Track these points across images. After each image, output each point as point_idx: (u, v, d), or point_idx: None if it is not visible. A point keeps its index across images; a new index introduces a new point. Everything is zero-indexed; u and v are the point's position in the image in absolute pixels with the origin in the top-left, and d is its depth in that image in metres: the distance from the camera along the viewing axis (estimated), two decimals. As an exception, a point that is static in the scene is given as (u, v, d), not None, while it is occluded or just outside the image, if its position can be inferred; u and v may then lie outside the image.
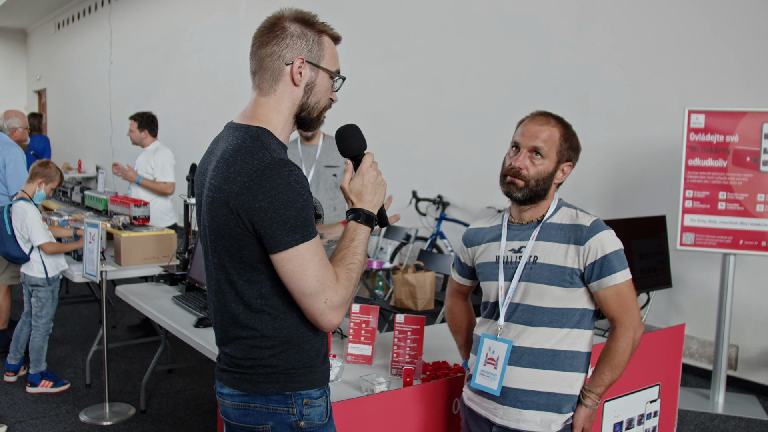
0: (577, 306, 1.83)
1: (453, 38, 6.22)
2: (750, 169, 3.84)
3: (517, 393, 1.83)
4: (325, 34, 1.56)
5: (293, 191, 1.40)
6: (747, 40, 4.25)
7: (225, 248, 1.48)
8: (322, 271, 1.43)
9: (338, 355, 2.46)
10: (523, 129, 1.88)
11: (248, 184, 1.40)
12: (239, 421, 1.54)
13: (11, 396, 3.99)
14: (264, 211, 1.39)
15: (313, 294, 1.42)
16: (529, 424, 1.83)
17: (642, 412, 2.68)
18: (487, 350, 1.87)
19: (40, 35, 17.24)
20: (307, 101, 1.55)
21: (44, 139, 8.55)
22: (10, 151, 4.49)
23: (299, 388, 1.52)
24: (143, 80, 11.94)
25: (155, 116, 5.30)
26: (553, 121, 1.88)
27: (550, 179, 1.86)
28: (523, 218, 1.92)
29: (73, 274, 3.80)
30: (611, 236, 1.82)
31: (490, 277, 1.92)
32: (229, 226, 1.45)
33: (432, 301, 4.16)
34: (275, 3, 7.47)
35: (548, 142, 1.84)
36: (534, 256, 1.84)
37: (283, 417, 1.52)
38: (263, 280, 1.47)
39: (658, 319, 4.69)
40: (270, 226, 1.39)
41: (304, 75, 1.52)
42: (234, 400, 1.54)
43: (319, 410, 1.56)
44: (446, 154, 6.33)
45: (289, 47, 1.51)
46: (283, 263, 1.42)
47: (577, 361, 1.84)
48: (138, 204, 4.37)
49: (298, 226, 1.40)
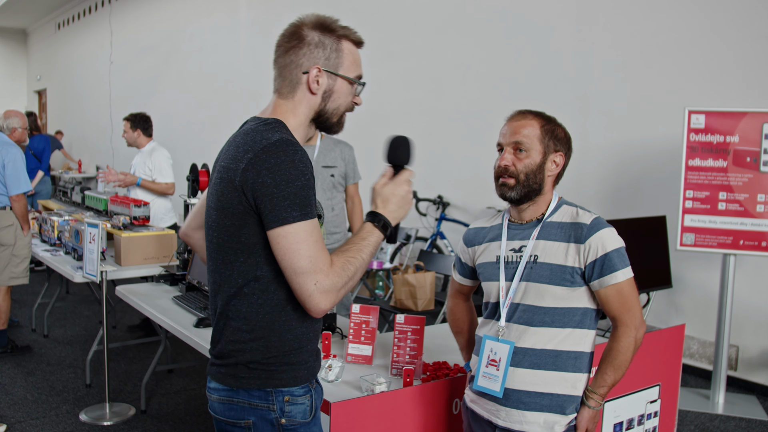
0: (578, 305, 1.82)
1: (453, 38, 6.22)
2: (750, 170, 3.84)
3: (520, 394, 1.81)
4: (346, 39, 1.59)
5: (296, 169, 1.43)
6: (747, 41, 4.25)
7: (226, 228, 1.51)
8: (315, 252, 1.45)
9: (338, 356, 2.46)
10: (503, 130, 1.90)
11: (254, 160, 1.44)
12: (224, 415, 1.58)
13: (11, 396, 3.99)
14: (266, 186, 1.42)
15: (304, 272, 1.44)
16: (532, 426, 1.81)
17: (642, 413, 2.68)
18: (489, 352, 1.86)
19: (40, 35, 17.25)
20: (325, 108, 1.59)
21: (44, 139, 8.53)
22: (9, 151, 4.48)
23: (280, 385, 1.54)
24: (143, 80, 11.94)
25: (149, 116, 5.28)
26: (530, 115, 1.89)
27: (541, 172, 1.85)
28: (522, 217, 1.91)
29: (73, 274, 3.80)
30: (612, 234, 1.80)
31: (491, 277, 1.92)
32: (233, 204, 1.48)
33: (432, 301, 4.16)
34: (275, 3, 7.51)
35: (528, 136, 1.85)
36: (534, 255, 1.83)
37: (263, 413, 1.54)
38: (260, 263, 1.50)
39: (658, 319, 4.69)
40: (270, 201, 1.42)
41: (321, 83, 1.56)
42: (219, 394, 1.58)
43: (302, 408, 1.57)
44: (446, 154, 6.33)
45: (306, 56, 1.55)
46: (279, 239, 1.44)
47: (580, 361, 1.83)
48: (138, 204, 4.37)
49: (297, 203, 1.42)
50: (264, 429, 1.55)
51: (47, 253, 4.41)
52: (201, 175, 3.81)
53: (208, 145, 9.81)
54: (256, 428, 1.55)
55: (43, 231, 4.82)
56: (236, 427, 1.57)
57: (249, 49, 8.96)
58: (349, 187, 4.13)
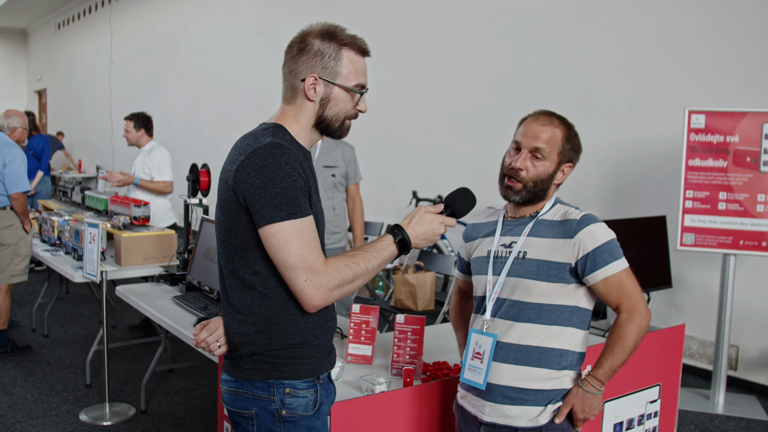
0: (566, 303, 1.80)
1: (453, 38, 6.22)
2: (750, 170, 3.84)
3: (504, 389, 1.80)
4: (348, 47, 1.62)
5: (282, 170, 1.49)
6: (747, 41, 4.25)
7: (225, 225, 1.60)
8: (305, 251, 1.51)
9: (338, 356, 2.46)
10: (525, 128, 1.85)
11: (244, 162, 1.52)
12: (232, 405, 1.66)
13: (11, 396, 3.99)
14: (254, 187, 1.50)
15: (294, 269, 1.50)
16: (516, 420, 1.80)
17: (642, 413, 2.68)
18: (474, 345, 1.87)
19: (40, 35, 17.25)
20: (324, 114, 1.65)
21: (43, 139, 8.51)
22: (10, 151, 4.48)
23: (282, 378, 1.60)
24: (143, 80, 11.94)
25: (150, 116, 5.29)
26: (556, 121, 1.85)
27: (550, 180, 1.84)
28: (517, 214, 1.91)
29: (73, 274, 3.80)
30: (601, 228, 1.78)
31: (480, 271, 1.92)
32: (227, 202, 1.57)
33: (432, 301, 4.16)
34: (275, 3, 7.50)
35: (550, 143, 1.81)
36: (523, 251, 1.83)
37: (265, 404, 1.61)
38: (257, 258, 1.56)
39: (659, 319, 4.69)
40: (258, 201, 1.49)
41: (318, 91, 1.62)
42: (228, 385, 1.66)
43: (304, 401, 1.62)
44: (446, 154, 6.33)
45: (304, 64, 1.61)
46: (268, 238, 1.51)
47: (566, 359, 1.80)
48: (138, 204, 4.37)
49: (283, 203, 1.49)
50: (265, 419, 1.61)
51: (47, 253, 4.41)
52: (201, 175, 3.80)
53: (208, 145, 9.82)
54: (258, 418, 1.62)
55: (43, 231, 4.82)
56: (241, 417, 1.64)
57: (249, 49, 8.96)
58: (350, 187, 4.14)
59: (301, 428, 1.62)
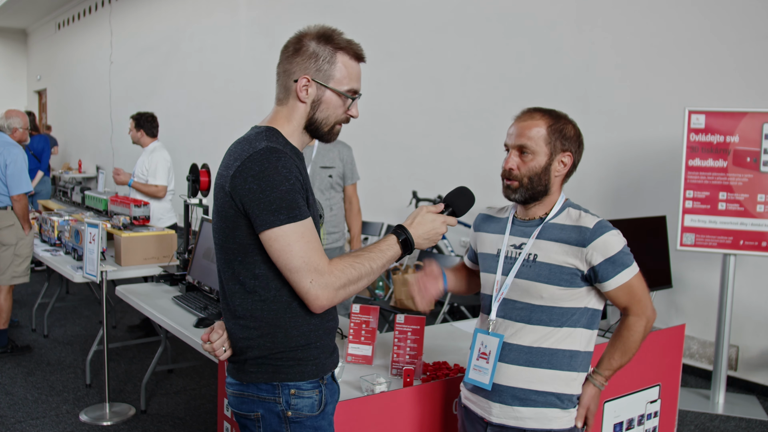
0: (576, 305, 1.81)
1: (453, 38, 6.22)
2: (750, 170, 3.84)
3: (515, 391, 1.81)
4: (344, 51, 1.62)
5: (279, 174, 1.49)
6: (747, 41, 4.25)
7: (223, 230, 1.59)
8: (308, 252, 1.51)
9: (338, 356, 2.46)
10: (510, 129, 1.88)
11: (241, 168, 1.51)
12: (238, 408, 1.66)
13: (11, 396, 3.99)
14: (252, 192, 1.49)
15: (299, 271, 1.51)
16: (527, 422, 1.81)
17: (642, 413, 2.68)
18: (480, 345, 1.87)
19: (40, 35, 17.25)
20: (314, 116, 1.65)
21: (43, 139, 8.52)
22: (11, 151, 4.48)
23: (286, 379, 1.60)
24: (143, 80, 11.94)
25: (155, 116, 5.26)
26: (537, 115, 1.85)
27: (546, 173, 1.83)
28: (527, 215, 1.91)
29: (73, 274, 3.80)
30: (615, 237, 1.78)
31: (489, 269, 1.92)
32: (225, 208, 1.56)
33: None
34: (275, 3, 7.50)
35: (534, 138, 1.81)
36: (534, 254, 1.83)
37: (270, 405, 1.61)
38: (257, 261, 1.56)
39: (658, 319, 4.67)
40: (257, 206, 1.49)
41: (310, 93, 1.62)
42: (233, 388, 1.66)
43: (309, 402, 1.62)
44: (446, 154, 6.33)
45: (298, 65, 1.61)
46: (270, 242, 1.51)
47: (576, 360, 1.82)
48: (138, 204, 4.37)
49: (283, 207, 1.49)
50: (271, 421, 1.62)
51: (47, 253, 4.41)
52: (201, 175, 3.81)
53: (208, 145, 9.82)
54: (264, 420, 1.62)
55: (43, 231, 4.82)
56: (248, 420, 1.65)
57: (249, 49, 8.96)
58: (347, 187, 4.12)
59: (307, 428, 1.63)
